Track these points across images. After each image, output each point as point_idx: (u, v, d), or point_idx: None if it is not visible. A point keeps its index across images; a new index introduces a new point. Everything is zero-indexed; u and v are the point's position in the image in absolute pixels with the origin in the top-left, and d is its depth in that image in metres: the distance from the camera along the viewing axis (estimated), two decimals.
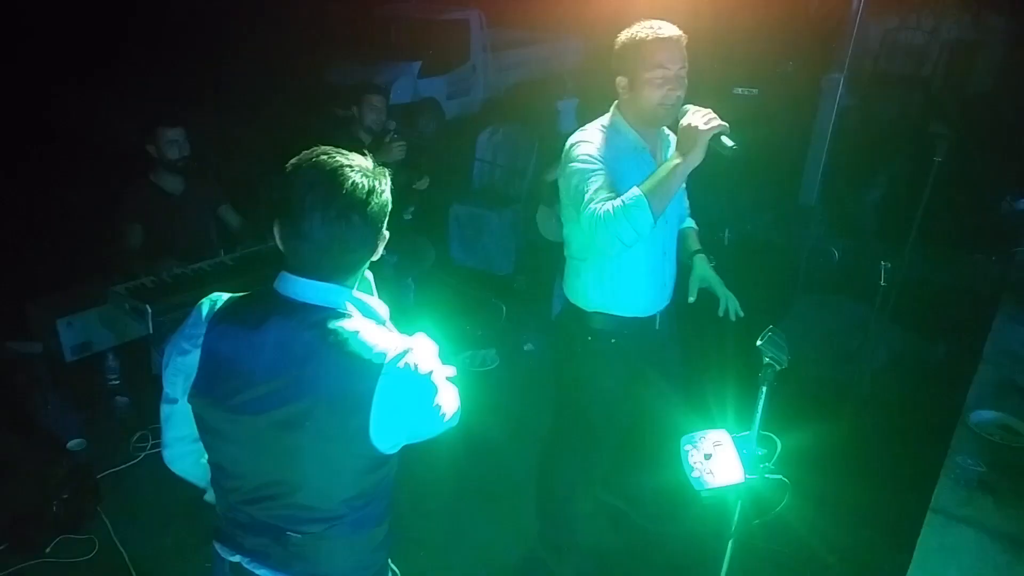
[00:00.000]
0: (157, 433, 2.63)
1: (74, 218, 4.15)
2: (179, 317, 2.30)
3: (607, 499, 2.16)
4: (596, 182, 1.44)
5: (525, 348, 3.38)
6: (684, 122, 1.37)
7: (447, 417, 1.04)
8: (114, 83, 7.12)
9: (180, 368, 0.98)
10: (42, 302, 3.06)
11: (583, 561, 2.06)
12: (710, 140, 1.34)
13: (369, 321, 0.96)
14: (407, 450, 1.03)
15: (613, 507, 2.24)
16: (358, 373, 0.90)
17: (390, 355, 0.91)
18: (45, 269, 3.61)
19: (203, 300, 1.01)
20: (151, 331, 2.18)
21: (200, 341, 0.96)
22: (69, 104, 6.60)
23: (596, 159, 1.48)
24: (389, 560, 1.16)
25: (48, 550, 2.11)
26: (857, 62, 3.88)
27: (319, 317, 0.92)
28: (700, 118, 1.35)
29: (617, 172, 1.49)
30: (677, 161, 1.37)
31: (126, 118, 3.80)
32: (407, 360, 0.93)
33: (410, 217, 3.31)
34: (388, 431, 0.93)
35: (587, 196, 1.43)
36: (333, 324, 0.92)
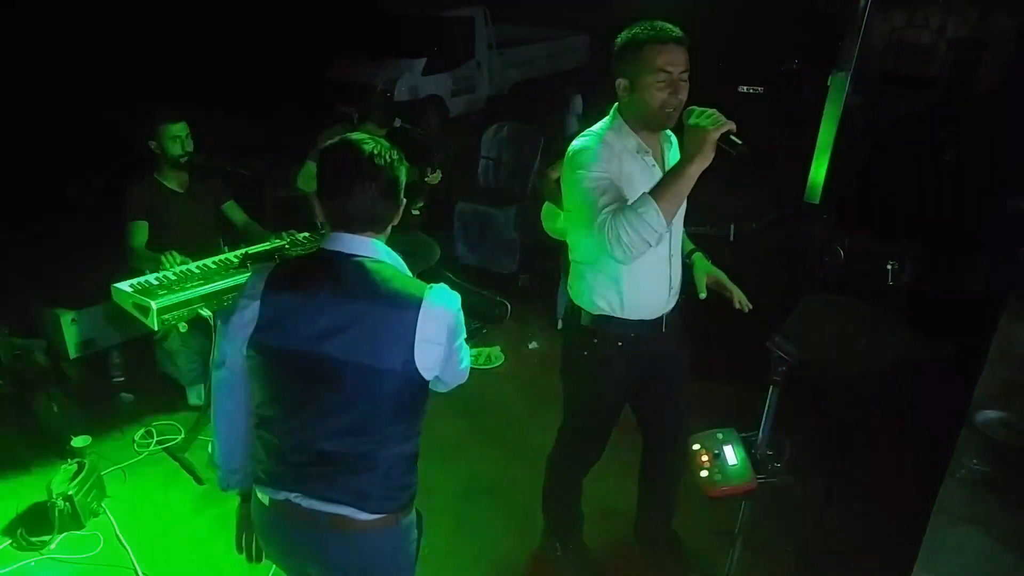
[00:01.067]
0: (161, 430, 2.66)
1: (79, 214, 4.16)
2: (184, 314, 2.31)
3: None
4: (604, 192, 1.43)
5: (530, 346, 3.38)
6: (691, 123, 1.35)
7: (467, 362, 1.21)
8: (119, 79, 7.13)
9: (241, 321, 1.13)
10: (47, 299, 3.07)
11: (589, 559, 2.06)
12: (718, 140, 1.32)
13: (397, 266, 1.17)
14: None
15: (616, 508, 2.24)
16: (403, 302, 1.09)
17: (428, 289, 1.12)
18: (50, 266, 3.62)
19: (258, 266, 1.21)
20: (156, 328, 2.19)
21: (259, 295, 1.12)
22: (75, 100, 6.62)
23: (602, 167, 1.46)
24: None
25: (53, 546, 2.12)
26: (863, 60, 3.86)
27: (365, 262, 1.12)
28: (707, 119, 1.33)
29: (622, 177, 1.49)
30: (686, 164, 1.34)
31: (131, 114, 3.80)
32: (443, 295, 1.13)
33: (418, 212, 3.32)
34: (429, 354, 1.10)
35: (597, 207, 1.42)
36: (377, 266, 1.12)
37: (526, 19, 9.68)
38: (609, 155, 1.49)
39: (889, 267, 1.75)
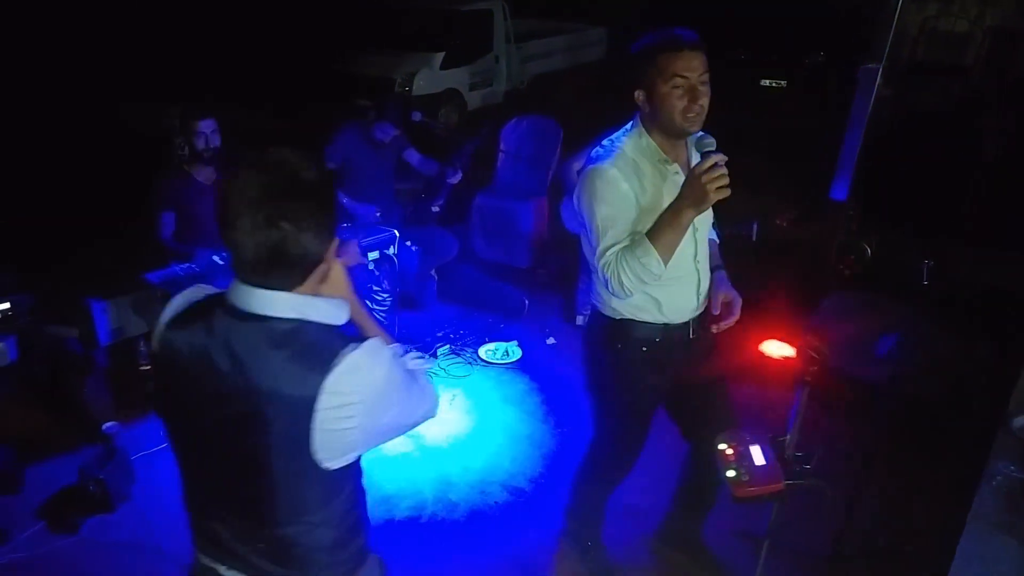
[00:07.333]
0: None
1: (111, 206, 4.24)
2: None
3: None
4: (613, 226, 1.45)
5: (548, 342, 3.36)
6: (698, 173, 1.35)
7: (411, 419, 1.01)
8: (150, 75, 7.26)
9: None
10: (78, 288, 3.14)
11: (607, 557, 2.05)
12: None
13: (319, 324, 0.93)
14: (428, 445, 1.00)
15: (638, 506, 2.22)
16: (300, 379, 0.87)
17: (337, 358, 0.88)
18: (82, 255, 3.71)
19: (174, 299, 1.00)
20: None
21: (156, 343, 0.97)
22: (110, 96, 6.74)
23: (617, 194, 1.45)
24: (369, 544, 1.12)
25: (84, 529, 2.17)
26: (895, 50, 3.73)
27: (265, 325, 0.90)
28: (713, 180, 1.33)
29: (645, 195, 1.48)
30: (683, 211, 1.38)
31: (163, 109, 3.86)
32: (356, 362, 0.89)
33: (438, 209, 3.32)
34: (333, 443, 0.90)
35: (603, 244, 1.46)
36: (280, 328, 0.90)
37: (544, 12, 9.61)
38: (629, 171, 1.48)
39: (924, 265, 1.69)
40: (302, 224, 0.87)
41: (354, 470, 1.01)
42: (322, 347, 0.90)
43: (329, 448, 0.90)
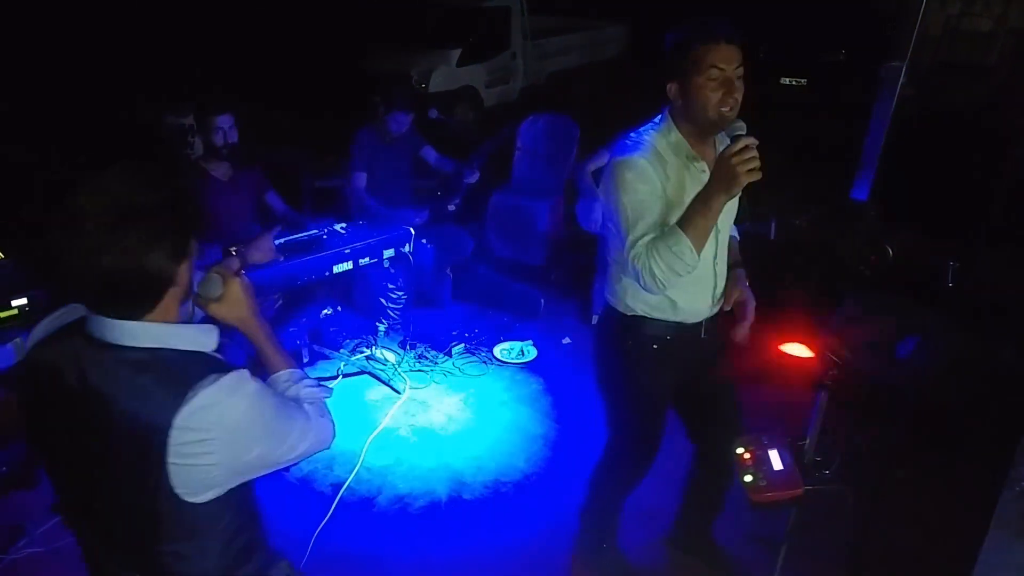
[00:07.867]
0: None
1: None
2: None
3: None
4: (642, 217, 1.42)
5: (563, 342, 3.36)
6: (727, 154, 1.32)
7: (290, 453, 0.96)
8: (164, 70, 7.36)
9: None
10: None
11: (622, 561, 2.04)
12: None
13: (181, 351, 0.90)
14: (442, 443, 0.99)
15: (654, 508, 2.21)
16: (155, 408, 0.84)
17: (191, 391, 0.84)
18: None
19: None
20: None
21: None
22: (124, 93, 6.86)
23: (644, 187, 1.43)
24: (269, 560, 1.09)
25: None
26: (918, 49, 3.67)
27: (121, 355, 0.87)
28: (744, 162, 1.30)
29: (670, 186, 1.46)
30: (714, 197, 1.35)
31: (178, 103, 3.91)
32: (211, 397, 0.85)
33: (454, 208, 3.32)
34: (191, 479, 0.87)
35: (633, 235, 1.42)
36: (138, 357, 0.87)
37: (562, 8, 9.58)
38: (656, 166, 1.46)
39: (950, 266, 1.66)
40: (139, 250, 0.83)
41: (235, 498, 0.95)
42: (180, 377, 0.86)
43: (187, 483, 0.87)
